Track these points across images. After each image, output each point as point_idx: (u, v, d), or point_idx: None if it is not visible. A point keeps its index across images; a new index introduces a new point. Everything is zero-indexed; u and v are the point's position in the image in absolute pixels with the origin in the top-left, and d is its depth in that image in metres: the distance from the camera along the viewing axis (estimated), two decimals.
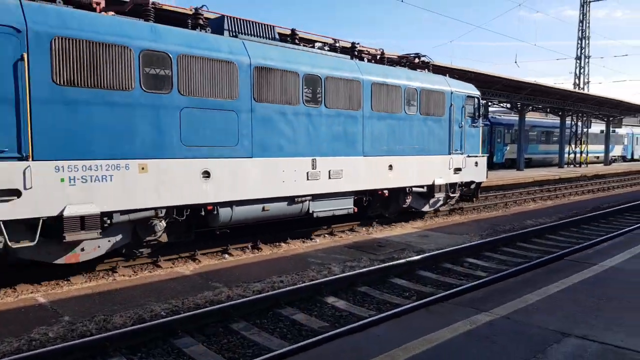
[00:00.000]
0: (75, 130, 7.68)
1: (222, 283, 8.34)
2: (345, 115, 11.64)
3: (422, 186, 13.88)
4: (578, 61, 40.27)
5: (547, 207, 18.42)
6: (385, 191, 12.90)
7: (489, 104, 31.10)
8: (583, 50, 40.04)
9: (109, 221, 8.24)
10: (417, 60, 14.90)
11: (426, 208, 14.71)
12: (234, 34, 10.35)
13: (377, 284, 8.43)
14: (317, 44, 12.85)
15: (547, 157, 39.79)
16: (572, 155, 39.50)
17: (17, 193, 7.14)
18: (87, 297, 7.65)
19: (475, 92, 15.69)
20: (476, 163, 15.69)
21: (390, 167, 12.79)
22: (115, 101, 8.04)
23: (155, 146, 8.54)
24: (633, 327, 4.90)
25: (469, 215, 15.99)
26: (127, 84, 8.16)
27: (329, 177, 11.36)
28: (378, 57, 13.76)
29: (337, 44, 12.84)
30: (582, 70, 40.25)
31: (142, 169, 8.39)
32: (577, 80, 40.41)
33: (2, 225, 7.08)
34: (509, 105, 33.74)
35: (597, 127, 45.14)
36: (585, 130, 40.32)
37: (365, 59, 13.32)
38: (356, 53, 12.95)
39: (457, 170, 14.88)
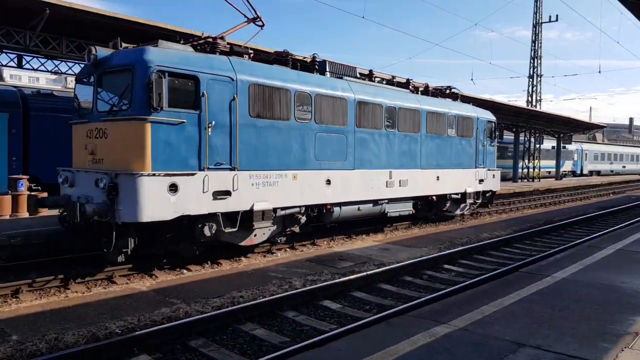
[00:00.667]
0: (259, 149, 10.66)
1: (180, 299, 8.18)
2: (410, 136, 15.05)
3: (457, 194, 17.30)
4: (531, 79, 41.67)
5: (502, 220, 18.91)
6: (434, 197, 16.27)
7: None
8: (535, 69, 41.48)
9: (274, 215, 11.03)
10: (448, 91, 18.29)
11: (458, 211, 18.10)
12: (337, 75, 13.43)
13: (338, 297, 8.44)
14: (376, 79, 15.24)
15: (501, 172, 40.84)
16: (525, 170, 40.71)
17: (229, 193, 10.03)
18: (37, 315, 7.37)
19: (493, 118, 19.30)
20: (493, 175, 19.45)
21: (438, 178, 16.20)
22: (280, 128, 11.12)
23: (301, 161, 11.63)
24: (584, 337, 5.06)
25: (427, 229, 16.24)
26: (287, 116, 11.28)
27: (399, 185, 14.60)
28: (422, 88, 16.98)
29: (394, 80, 15.92)
30: (534, 89, 41.65)
31: (294, 177, 11.46)
32: (529, 98, 41.78)
33: (219, 215, 9.91)
34: None
35: (548, 143, 46.71)
36: (537, 146, 41.66)
37: (418, 91, 16.68)
38: (410, 87, 16.20)
39: (481, 181, 18.49)
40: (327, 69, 13.17)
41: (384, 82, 15.43)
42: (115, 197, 8.65)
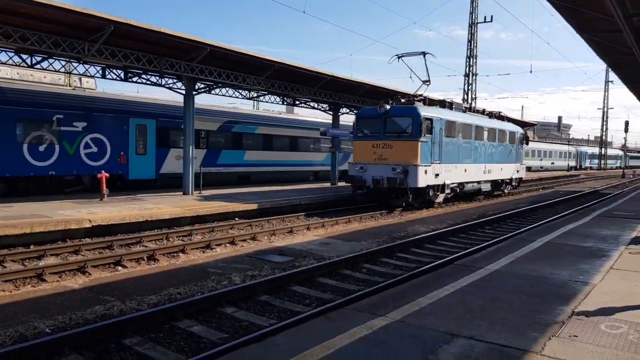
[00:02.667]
0: (446, 152, 20.16)
1: (114, 297, 7.92)
2: (492, 144, 25.07)
3: (508, 179, 28.10)
4: (467, 78, 43.00)
5: (438, 215, 19.47)
6: (499, 180, 26.76)
7: None
8: (471, 68, 42.84)
9: (449, 186, 20.79)
10: (497, 113, 28.58)
11: (505, 190, 28.24)
12: (460, 110, 23.27)
13: (278, 292, 8.41)
14: (471, 110, 25.66)
15: None
16: None
17: (438, 175, 19.86)
18: None
19: (522, 130, 30.35)
20: (523, 168, 30.63)
21: (501, 169, 26.64)
22: (453, 142, 20.86)
23: (457, 159, 21.17)
24: (515, 326, 5.28)
25: (367, 223, 16.48)
26: (454, 135, 21.06)
27: (487, 173, 24.60)
28: (487, 112, 27.09)
29: (474, 108, 26.42)
30: (470, 87, 43.03)
31: (455, 167, 21.05)
32: (465, 96, 43.12)
33: (434, 185, 19.82)
34: None
35: None
36: None
37: (490, 115, 27.52)
38: (484, 113, 26.87)
39: (517, 171, 29.36)
40: (454, 106, 22.52)
41: (465, 109, 24.61)
42: (406, 175, 18.07)
